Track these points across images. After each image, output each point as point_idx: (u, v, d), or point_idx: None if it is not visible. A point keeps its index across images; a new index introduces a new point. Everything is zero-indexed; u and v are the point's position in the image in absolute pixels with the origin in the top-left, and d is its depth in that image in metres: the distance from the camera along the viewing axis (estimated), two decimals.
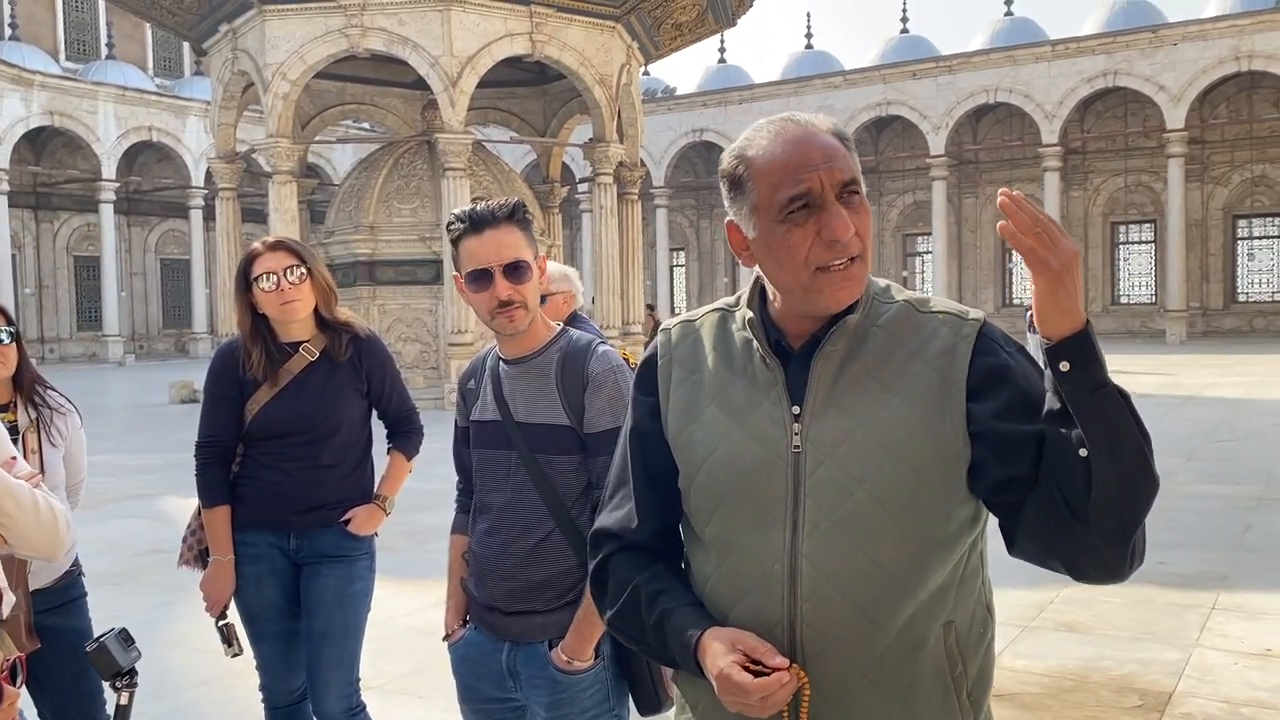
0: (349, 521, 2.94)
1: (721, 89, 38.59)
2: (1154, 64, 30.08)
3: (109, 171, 34.51)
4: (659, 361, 1.52)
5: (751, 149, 1.38)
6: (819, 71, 37.44)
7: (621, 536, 1.51)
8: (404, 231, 17.23)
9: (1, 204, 31.74)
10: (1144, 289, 34.76)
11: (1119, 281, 35.21)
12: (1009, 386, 1.33)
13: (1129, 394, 1.22)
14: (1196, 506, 7.65)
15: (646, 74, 32.37)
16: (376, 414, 3.09)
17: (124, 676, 2.16)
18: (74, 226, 36.67)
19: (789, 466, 1.37)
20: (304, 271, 2.87)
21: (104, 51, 38.12)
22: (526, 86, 20.38)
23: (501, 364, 2.27)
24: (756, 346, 1.42)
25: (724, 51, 42.11)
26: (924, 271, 37.54)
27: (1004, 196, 1.18)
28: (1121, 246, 35.08)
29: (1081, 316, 1.20)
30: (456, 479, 2.45)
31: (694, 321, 1.54)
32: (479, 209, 2.17)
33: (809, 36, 41.40)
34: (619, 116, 18.79)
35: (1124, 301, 34.97)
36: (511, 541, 2.19)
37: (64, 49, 39.01)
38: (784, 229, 1.34)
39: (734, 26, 20.65)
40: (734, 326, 1.48)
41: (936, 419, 1.34)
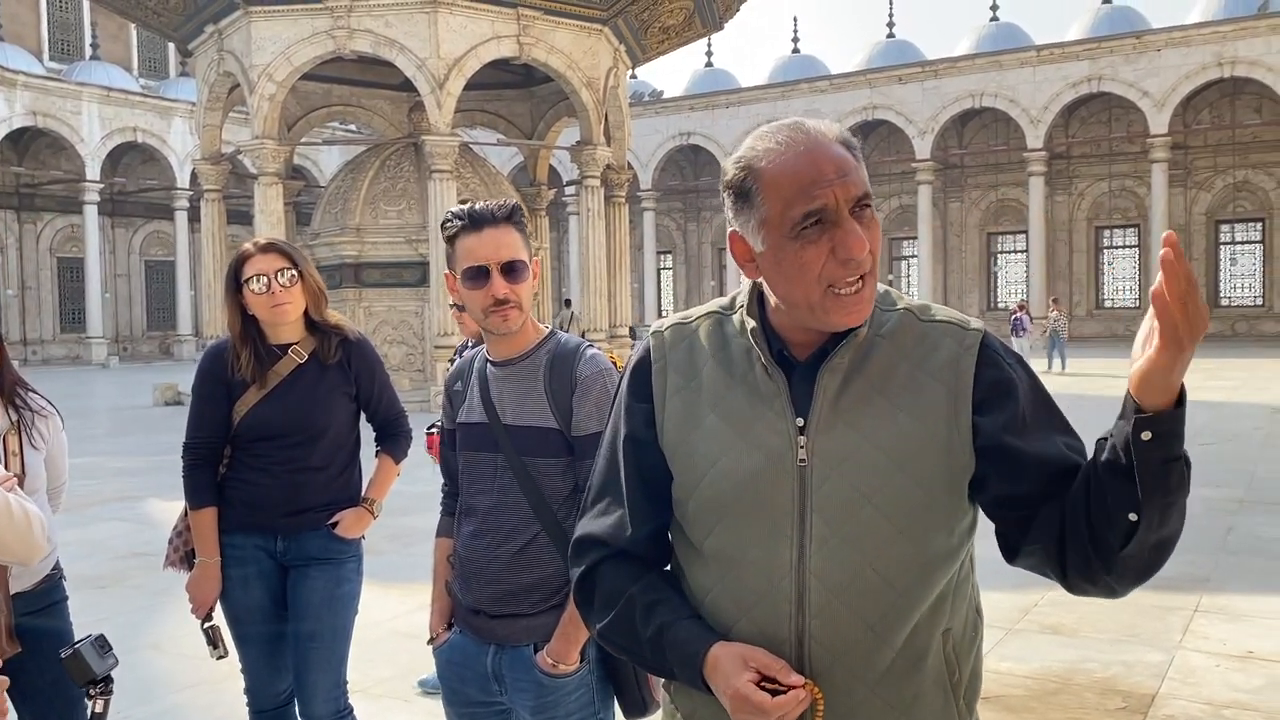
0: (336, 524, 2.93)
1: (709, 92, 38.68)
2: (1138, 70, 30.29)
3: (93, 172, 34.31)
4: (653, 366, 1.46)
5: (760, 160, 1.31)
6: (805, 76, 37.58)
7: (610, 544, 1.46)
8: (390, 234, 17.19)
9: None
10: (1128, 293, 34.96)
11: (1104, 286, 35.42)
12: (1013, 401, 1.33)
13: (1191, 462, 1.18)
14: None
15: (634, 77, 32.40)
16: (365, 417, 3.08)
17: (99, 684, 2.11)
18: (57, 228, 36.43)
19: (795, 480, 1.33)
20: (295, 274, 2.87)
21: (88, 52, 37.89)
22: (513, 89, 20.36)
23: (489, 366, 2.26)
24: (759, 356, 1.37)
25: (711, 55, 42.32)
26: (909, 275, 37.66)
27: (1168, 248, 1.07)
28: (1106, 251, 35.30)
29: (1179, 389, 1.13)
30: (442, 481, 2.45)
31: (688, 325, 1.47)
32: (478, 207, 2.18)
33: (796, 41, 41.64)
34: (606, 119, 18.80)
35: (1108, 305, 35.18)
36: (497, 544, 2.18)
37: (48, 49, 38.75)
38: (797, 245, 1.29)
39: (721, 30, 20.69)
40: (731, 332, 1.43)
41: (944, 433, 1.32)
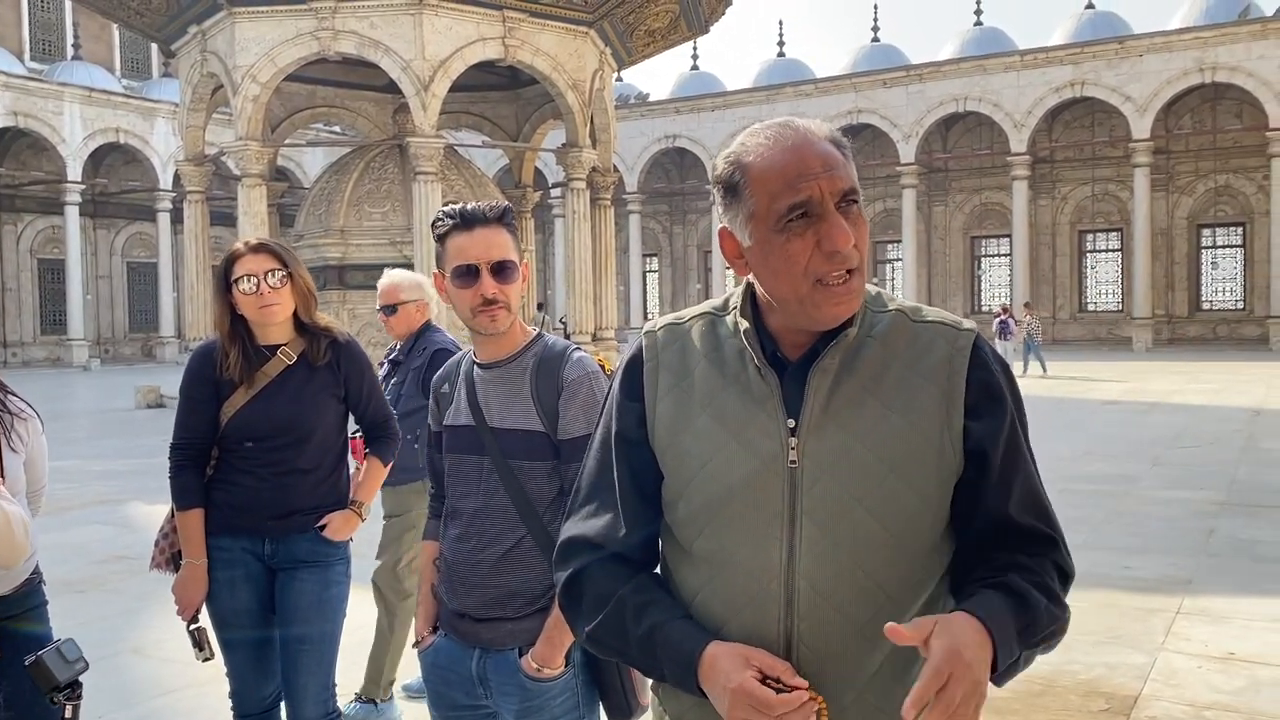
0: (324, 527, 2.92)
1: (694, 95, 38.71)
2: (1120, 75, 30.50)
3: (74, 173, 34.00)
4: (645, 365, 1.45)
5: (748, 155, 1.32)
6: (791, 79, 37.67)
7: (601, 546, 1.44)
8: (375, 235, 17.11)
9: None
10: (1111, 297, 35.16)
11: (1086, 289, 35.60)
12: (1001, 415, 1.34)
13: (1038, 639, 1.29)
14: (1161, 512, 7.75)
15: (620, 80, 32.39)
16: (353, 419, 3.07)
17: (64, 690, 2.05)
18: (38, 229, 36.13)
19: (785, 482, 1.32)
20: (285, 275, 2.86)
21: (70, 52, 37.58)
22: (499, 91, 20.31)
23: (476, 368, 2.26)
24: (752, 357, 1.36)
25: (697, 58, 42.41)
26: (894, 279, 37.77)
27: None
28: (1089, 255, 35.48)
29: (992, 661, 1.20)
30: (428, 484, 2.44)
31: (681, 325, 1.47)
32: (470, 207, 2.18)
33: (781, 44, 41.73)
34: (592, 122, 18.78)
35: (1091, 309, 35.37)
36: (483, 548, 2.17)
37: (29, 49, 38.43)
38: (782, 239, 1.29)
39: (707, 34, 20.67)
40: (724, 333, 1.42)
41: (936, 435, 1.32)
